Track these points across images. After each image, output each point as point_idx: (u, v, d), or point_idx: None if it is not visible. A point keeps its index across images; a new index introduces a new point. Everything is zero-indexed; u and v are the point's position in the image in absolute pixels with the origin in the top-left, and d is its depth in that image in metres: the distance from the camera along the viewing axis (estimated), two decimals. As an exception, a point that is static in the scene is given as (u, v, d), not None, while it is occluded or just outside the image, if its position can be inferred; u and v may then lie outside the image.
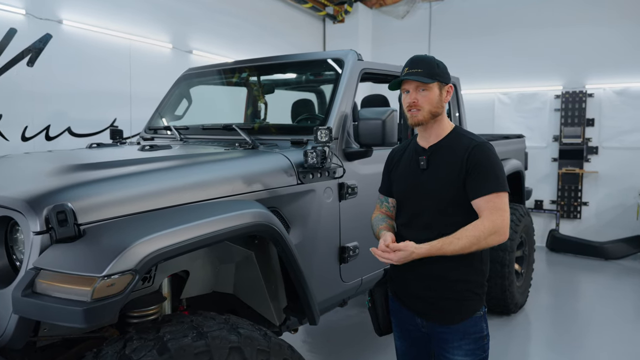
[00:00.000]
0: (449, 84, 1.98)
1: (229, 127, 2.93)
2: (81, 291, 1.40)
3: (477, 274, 1.93)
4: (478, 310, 1.93)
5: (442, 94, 1.94)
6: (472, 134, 1.99)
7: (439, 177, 1.91)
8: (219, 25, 6.33)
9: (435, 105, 1.91)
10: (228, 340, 1.61)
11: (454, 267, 1.88)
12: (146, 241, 1.51)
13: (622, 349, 3.91)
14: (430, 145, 1.97)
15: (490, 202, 1.81)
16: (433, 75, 1.90)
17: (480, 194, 1.82)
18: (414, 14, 8.43)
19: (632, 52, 6.80)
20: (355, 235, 2.77)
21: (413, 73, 1.90)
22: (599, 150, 7.13)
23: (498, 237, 1.79)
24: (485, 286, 1.98)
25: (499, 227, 1.79)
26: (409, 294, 2.00)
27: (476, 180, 1.83)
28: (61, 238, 1.49)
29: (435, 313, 1.94)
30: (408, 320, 2.04)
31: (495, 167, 1.86)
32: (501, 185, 1.84)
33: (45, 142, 4.39)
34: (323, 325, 4.24)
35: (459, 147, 1.90)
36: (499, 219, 1.79)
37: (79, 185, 1.68)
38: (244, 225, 1.83)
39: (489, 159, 1.86)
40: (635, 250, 6.72)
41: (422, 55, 2.00)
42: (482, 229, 1.77)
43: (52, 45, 4.37)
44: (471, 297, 1.91)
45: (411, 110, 1.92)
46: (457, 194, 1.86)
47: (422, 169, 1.96)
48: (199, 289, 2.23)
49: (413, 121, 1.93)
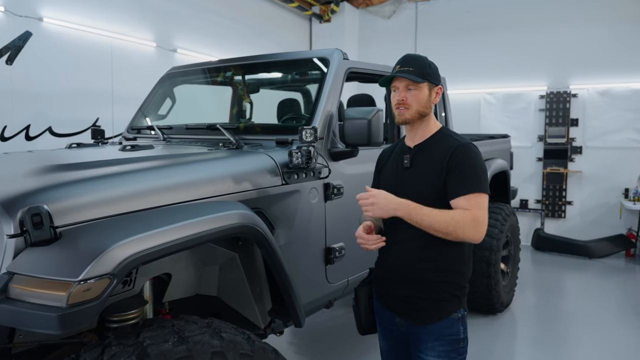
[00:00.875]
0: (439, 85, 1.97)
1: (213, 127, 2.88)
2: (56, 296, 1.35)
3: (458, 275, 1.91)
4: (455, 312, 1.90)
5: (432, 94, 1.93)
6: (457, 135, 1.98)
7: (421, 177, 1.91)
8: (205, 24, 6.27)
9: (423, 105, 1.90)
10: (210, 344, 1.57)
11: (434, 268, 1.88)
12: (124, 244, 1.46)
13: (607, 346, 3.95)
14: (416, 144, 1.97)
15: (472, 201, 1.79)
16: (424, 75, 1.89)
17: (460, 194, 1.80)
18: (400, 14, 8.45)
19: (616, 53, 6.89)
20: (341, 236, 2.75)
21: (404, 71, 1.88)
22: (583, 150, 7.21)
23: (476, 232, 1.76)
24: (466, 288, 1.96)
25: (480, 222, 1.77)
26: (389, 293, 2.00)
27: (456, 180, 1.82)
28: (36, 241, 1.44)
29: (412, 312, 1.93)
30: (389, 320, 2.04)
31: (476, 169, 1.84)
32: (482, 187, 1.82)
33: (25, 142, 4.30)
34: (309, 327, 4.21)
35: (443, 148, 1.89)
36: (481, 215, 1.78)
37: (55, 186, 1.62)
38: (227, 227, 1.79)
39: (470, 159, 1.84)
40: (618, 249, 6.81)
41: (414, 54, 1.99)
42: (464, 216, 1.75)
43: (32, 43, 4.27)
44: (448, 299, 1.89)
45: (399, 108, 1.91)
46: (437, 194, 1.85)
47: (405, 167, 1.96)
48: (182, 291, 2.19)
49: (400, 119, 1.92)
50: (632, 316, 4.72)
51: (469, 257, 1.96)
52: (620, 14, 6.85)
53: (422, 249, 1.88)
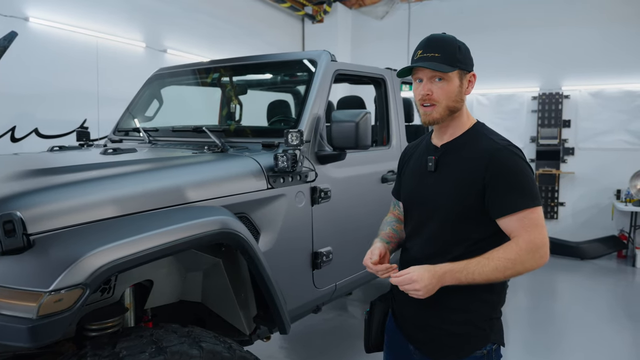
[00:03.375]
0: (472, 71, 1.60)
1: (199, 130, 2.84)
2: (26, 307, 1.31)
3: (485, 305, 1.59)
4: (479, 349, 1.58)
5: (464, 84, 1.57)
6: (496, 134, 1.62)
7: (448, 184, 1.58)
8: (196, 24, 6.21)
9: (454, 99, 1.56)
10: (188, 355, 1.53)
11: (457, 295, 1.55)
12: (99, 252, 1.42)
13: (599, 349, 3.93)
14: (443, 143, 1.64)
15: (525, 220, 1.47)
16: (453, 62, 1.52)
17: (509, 211, 1.48)
18: (393, 14, 8.43)
19: (607, 55, 6.89)
20: (328, 240, 2.71)
21: (428, 58, 1.52)
22: (575, 151, 7.21)
23: (538, 260, 1.46)
24: (496, 320, 1.62)
25: (539, 246, 1.46)
26: (406, 317, 1.73)
27: (502, 194, 1.49)
28: (8, 250, 1.39)
29: (428, 344, 1.65)
30: (402, 345, 1.75)
31: (525, 178, 1.51)
32: (535, 200, 1.49)
33: (10, 143, 4.23)
34: (299, 331, 4.17)
35: (477, 149, 1.55)
36: (538, 237, 1.46)
37: (29, 192, 1.57)
38: (207, 234, 1.75)
39: (516, 166, 1.51)
40: (610, 250, 6.81)
41: (440, 35, 1.59)
42: (517, 250, 1.44)
43: (17, 44, 4.21)
44: (472, 333, 1.58)
45: (425, 106, 1.57)
46: (468, 205, 1.53)
47: (429, 170, 1.63)
48: (165, 298, 2.15)
49: (427, 119, 1.58)
50: (624, 318, 4.71)
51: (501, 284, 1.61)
52: (611, 16, 6.85)
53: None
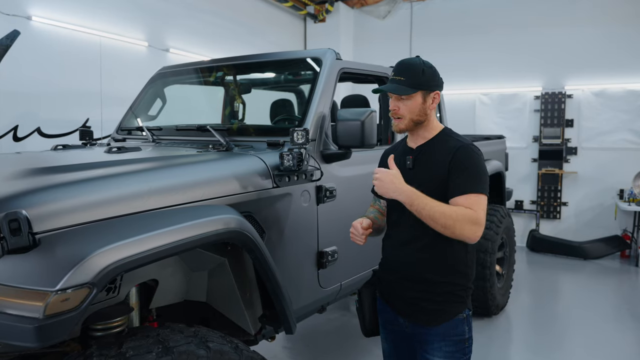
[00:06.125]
0: (435, 90, 1.93)
1: (203, 128, 2.82)
2: (33, 307, 1.29)
3: (461, 277, 1.91)
4: (460, 313, 1.91)
5: (427, 101, 1.91)
6: (459, 136, 1.97)
7: (423, 178, 1.89)
8: (198, 23, 6.20)
9: (417, 113, 1.90)
10: (196, 355, 1.52)
11: (438, 269, 1.87)
12: (105, 251, 1.40)
13: (602, 349, 3.92)
14: (418, 145, 1.97)
15: (471, 200, 1.77)
16: (415, 85, 1.86)
17: (460, 193, 1.78)
18: (395, 14, 8.41)
19: (610, 54, 6.87)
20: (334, 240, 2.70)
21: (395, 81, 1.88)
22: (578, 150, 7.19)
23: (473, 232, 1.74)
24: (470, 289, 1.96)
25: (476, 221, 1.74)
26: (393, 294, 2.00)
27: (457, 179, 1.80)
28: (14, 248, 1.37)
29: (417, 314, 1.92)
30: (393, 321, 2.03)
31: (477, 170, 1.83)
32: (482, 188, 1.80)
33: (13, 143, 4.22)
34: (303, 330, 4.16)
35: (445, 149, 1.88)
36: (479, 215, 1.75)
37: (35, 190, 1.55)
38: (213, 233, 1.73)
39: (471, 159, 1.83)
40: (613, 250, 6.80)
41: (408, 60, 1.94)
42: (462, 214, 1.72)
43: (20, 42, 4.19)
44: (453, 300, 1.90)
45: (395, 118, 1.93)
46: (440, 196, 1.82)
47: (408, 168, 1.94)
48: (170, 298, 2.13)
49: (395, 129, 1.94)
50: (627, 318, 4.69)
51: (472, 258, 1.95)
52: (615, 15, 6.83)
53: (426, 249, 1.87)
